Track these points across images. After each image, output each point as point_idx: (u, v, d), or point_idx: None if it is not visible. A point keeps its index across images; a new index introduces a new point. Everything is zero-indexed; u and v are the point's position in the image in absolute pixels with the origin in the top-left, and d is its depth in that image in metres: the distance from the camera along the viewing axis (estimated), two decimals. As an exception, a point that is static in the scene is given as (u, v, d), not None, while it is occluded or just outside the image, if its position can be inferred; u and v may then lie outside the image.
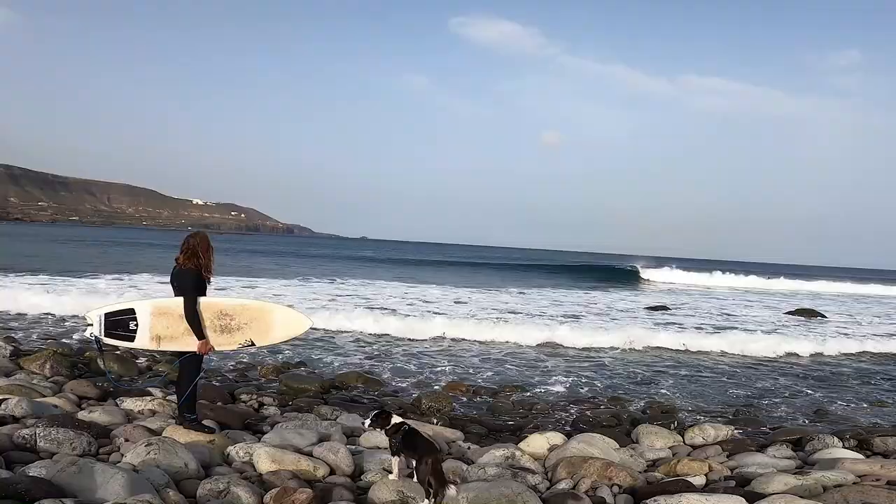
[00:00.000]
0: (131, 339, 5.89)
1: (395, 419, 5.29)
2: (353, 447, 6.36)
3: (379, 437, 6.86)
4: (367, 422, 5.40)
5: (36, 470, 4.50)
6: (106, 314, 5.91)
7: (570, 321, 19.57)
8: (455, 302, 23.97)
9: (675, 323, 21.66)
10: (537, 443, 6.89)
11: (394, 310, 19.38)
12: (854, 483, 5.62)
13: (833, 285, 53.12)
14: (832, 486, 5.49)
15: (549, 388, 11.36)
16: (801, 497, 5.04)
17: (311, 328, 7.05)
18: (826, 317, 27.48)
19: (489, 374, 12.37)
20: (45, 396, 7.22)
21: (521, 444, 6.86)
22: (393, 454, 5.25)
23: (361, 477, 5.60)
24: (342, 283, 29.14)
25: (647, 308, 26.54)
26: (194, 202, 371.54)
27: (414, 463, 4.94)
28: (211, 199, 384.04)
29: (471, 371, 12.51)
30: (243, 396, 8.50)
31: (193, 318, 5.84)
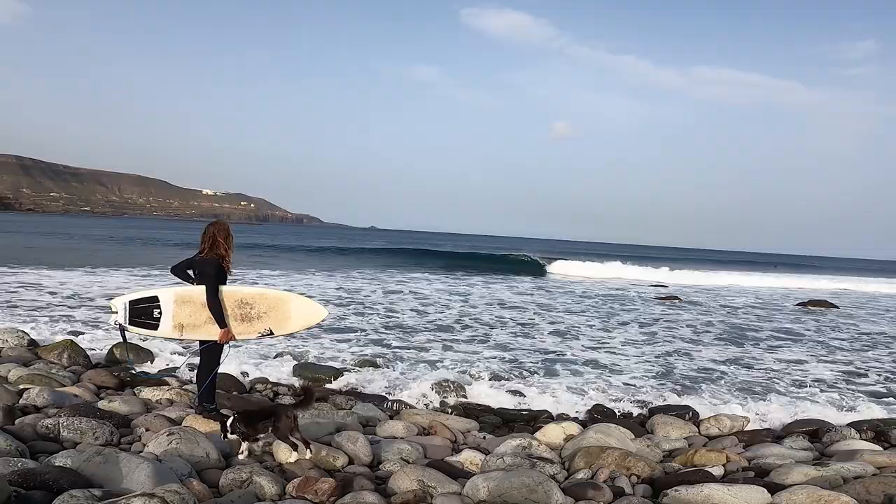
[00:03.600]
0: (155, 327, 5.91)
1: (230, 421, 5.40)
2: (371, 437, 6.38)
3: (396, 427, 6.91)
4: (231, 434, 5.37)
5: (62, 460, 4.54)
6: (130, 302, 5.92)
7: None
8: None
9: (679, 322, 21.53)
10: (553, 432, 6.88)
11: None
12: (874, 475, 5.60)
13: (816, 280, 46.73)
14: (852, 478, 5.47)
15: (561, 376, 11.34)
16: (822, 488, 5.01)
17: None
18: (838, 307, 27.30)
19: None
20: (64, 386, 7.29)
21: (537, 434, 6.86)
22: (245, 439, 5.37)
23: (380, 466, 5.62)
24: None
25: (657, 298, 26.49)
26: (204, 192, 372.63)
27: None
28: (221, 190, 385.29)
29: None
30: (258, 386, 8.54)
31: (216, 306, 5.87)
